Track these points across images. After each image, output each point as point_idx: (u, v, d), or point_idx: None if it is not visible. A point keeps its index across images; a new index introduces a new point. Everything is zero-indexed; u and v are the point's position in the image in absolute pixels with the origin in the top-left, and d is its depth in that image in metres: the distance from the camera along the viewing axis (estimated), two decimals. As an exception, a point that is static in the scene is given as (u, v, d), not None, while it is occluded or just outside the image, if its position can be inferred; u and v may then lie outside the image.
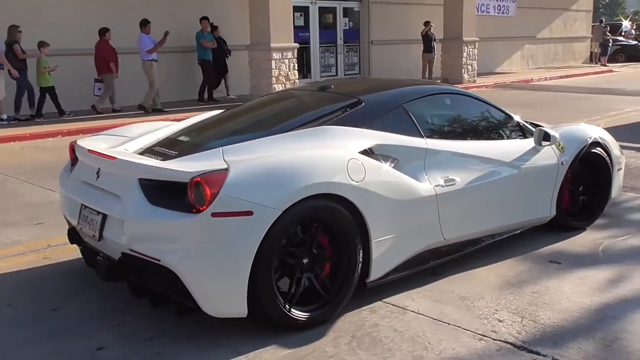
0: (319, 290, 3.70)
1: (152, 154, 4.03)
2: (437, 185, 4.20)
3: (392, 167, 4.04)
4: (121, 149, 4.18)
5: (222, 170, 3.41)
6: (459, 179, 4.34)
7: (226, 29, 15.46)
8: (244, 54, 15.18)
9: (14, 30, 12.07)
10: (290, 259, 3.59)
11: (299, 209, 3.48)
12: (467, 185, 4.38)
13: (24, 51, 12.11)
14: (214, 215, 3.28)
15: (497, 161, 4.66)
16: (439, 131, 4.66)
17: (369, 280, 3.90)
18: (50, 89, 12.54)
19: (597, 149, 5.32)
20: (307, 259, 3.64)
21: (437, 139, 4.46)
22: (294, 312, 3.57)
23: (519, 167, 4.76)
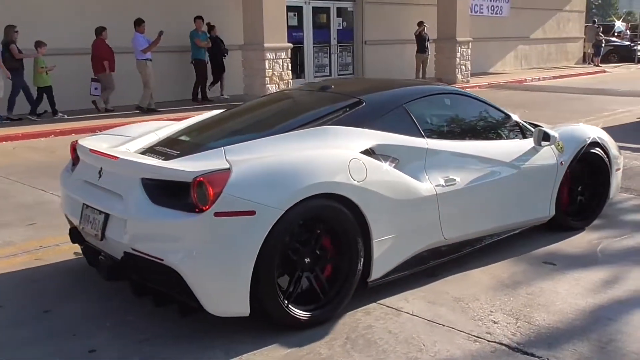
0: (323, 287, 3.70)
1: (154, 153, 4.04)
2: (438, 185, 4.21)
3: (393, 167, 4.05)
4: (123, 149, 4.18)
5: (225, 170, 3.42)
6: (459, 178, 4.35)
7: (221, 29, 15.39)
8: (238, 53, 15.16)
9: (10, 30, 12.02)
10: (292, 259, 3.59)
11: (301, 209, 3.48)
12: (467, 185, 4.39)
13: (20, 51, 12.06)
14: (216, 214, 3.29)
15: (497, 161, 4.67)
16: (440, 131, 4.67)
17: (370, 279, 3.92)
18: (47, 89, 12.49)
19: (596, 149, 5.34)
20: (309, 259, 3.64)
21: (437, 139, 4.46)
22: (296, 312, 3.58)
23: (519, 167, 4.78)
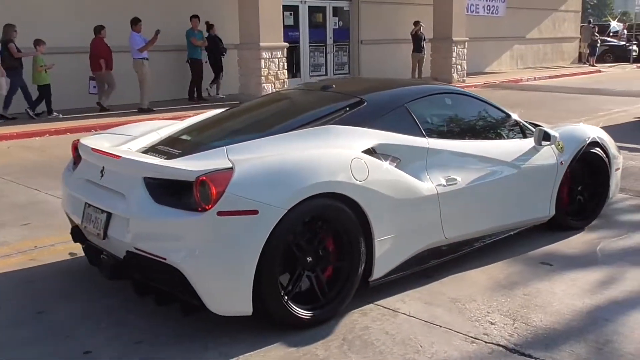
0: (322, 289, 3.70)
1: (156, 152, 4.03)
2: (439, 184, 4.22)
3: (394, 167, 4.05)
4: (124, 148, 4.18)
5: (228, 169, 3.41)
6: (461, 178, 4.35)
7: (217, 28, 15.35)
8: (234, 53, 15.13)
9: (9, 29, 12.01)
10: (294, 258, 3.59)
11: (304, 208, 3.49)
12: (468, 184, 4.39)
13: (19, 49, 12.04)
14: (219, 214, 3.29)
15: (498, 161, 4.68)
16: (441, 131, 4.67)
17: (372, 278, 3.92)
18: (45, 87, 12.48)
19: (596, 149, 5.35)
20: (311, 258, 3.65)
21: (438, 138, 4.46)
22: (298, 311, 3.58)
23: (519, 167, 4.78)
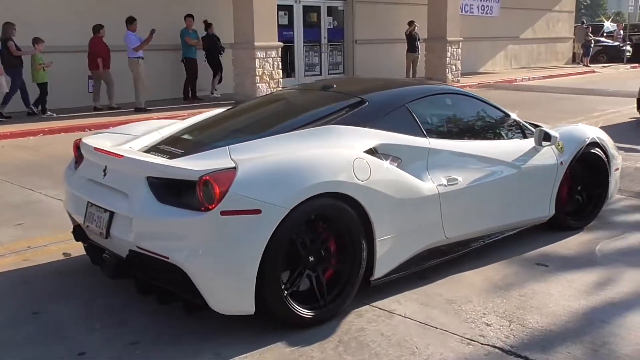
0: (324, 288, 3.70)
1: (158, 152, 4.03)
2: (440, 184, 4.23)
3: (395, 167, 4.05)
4: (126, 147, 4.17)
5: (231, 168, 3.41)
6: (461, 178, 4.36)
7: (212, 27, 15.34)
8: (229, 52, 15.08)
9: (9, 27, 12.00)
10: (297, 257, 3.59)
11: (306, 208, 3.49)
12: (469, 184, 4.40)
13: (18, 48, 12.03)
14: (222, 213, 3.29)
15: (499, 161, 4.69)
16: (442, 131, 4.68)
17: (373, 278, 3.93)
18: (43, 85, 12.49)
19: (595, 149, 5.37)
20: (313, 257, 3.65)
21: (439, 138, 4.47)
22: (300, 310, 3.58)
23: (520, 167, 4.80)
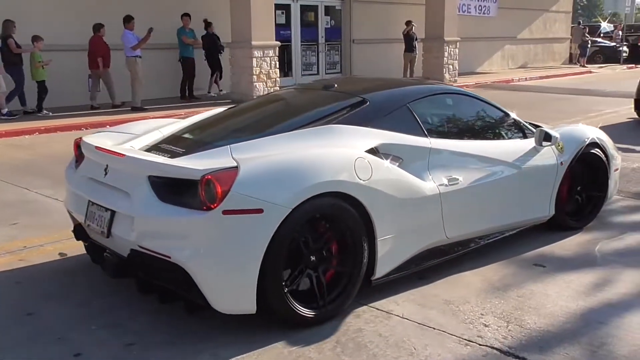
0: (326, 287, 3.70)
1: (159, 151, 4.02)
2: (441, 184, 4.23)
3: (397, 166, 4.05)
4: (127, 146, 4.16)
5: (233, 168, 3.41)
6: (462, 178, 4.36)
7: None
8: (226, 51, 15.05)
9: (9, 24, 12.00)
10: (299, 257, 3.59)
11: (308, 207, 3.48)
12: (469, 184, 4.40)
13: (18, 45, 12.03)
14: (225, 212, 3.28)
15: (499, 161, 4.69)
16: (442, 131, 4.68)
17: (374, 277, 3.93)
18: (41, 83, 12.48)
19: (595, 149, 5.38)
20: (315, 257, 3.65)
21: (440, 138, 4.47)
22: (302, 309, 3.57)
23: (520, 167, 4.80)
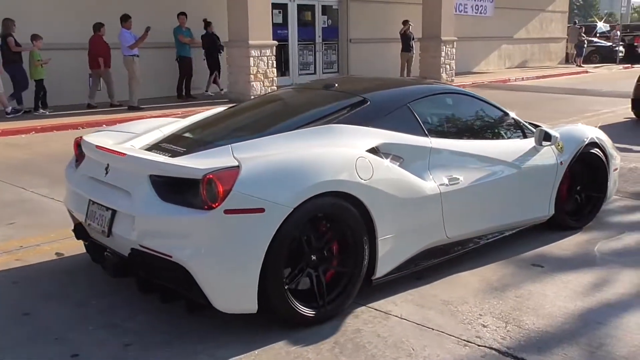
0: (327, 287, 3.69)
1: (160, 150, 4.01)
2: (441, 184, 4.23)
3: (397, 166, 4.05)
4: (128, 145, 4.15)
5: (234, 167, 3.41)
6: (463, 178, 4.37)
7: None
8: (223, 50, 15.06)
9: (9, 23, 12.00)
10: (300, 256, 3.59)
11: (310, 206, 3.48)
12: (470, 184, 4.41)
13: (18, 44, 12.02)
14: (226, 212, 3.28)
15: (499, 161, 4.70)
16: (443, 130, 4.69)
17: (375, 277, 3.93)
18: (39, 82, 12.48)
19: (595, 149, 5.38)
20: (316, 256, 3.64)
21: (441, 138, 4.47)
22: (302, 309, 3.57)
23: (520, 167, 4.81)
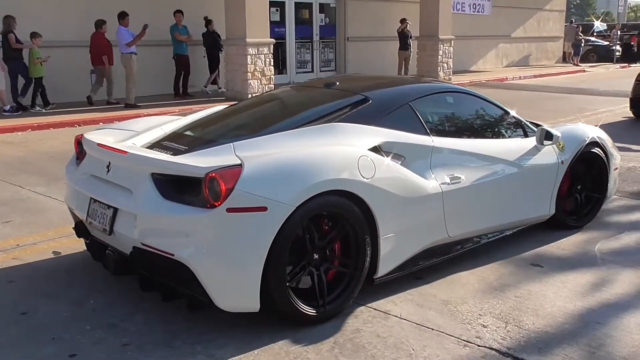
0: (328, 286, 3.69)
1: (162, 148, 4.00)
2: (443, 182, 4.23)
3: (399, 165, 4.04)
4: (129, 143, 4.13)
5: (237, 165, 3.39)
6: (464, 176, 4.36)
7: (201, 23, 15.24)
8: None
9: (10, 20, 11.99)
10: (302, 255, 3.58)
11: (312, 205, 3.48)
12: (471, 183, 4.41)
13: (19, 41, 12.00)
14: (229, 210, 3.27)
15: (501, 160, 4.70)
16: (445, 129, 4.69)
17: (377, 276, 3.92)
18: (38, 80, 12.47)
19: (595, 148, 5.38)
20: (318, 255, 3.64)
21: (442, 137, 4.47)
22: (304, 307, 3.56)
23: (521, 166, 4.81)
